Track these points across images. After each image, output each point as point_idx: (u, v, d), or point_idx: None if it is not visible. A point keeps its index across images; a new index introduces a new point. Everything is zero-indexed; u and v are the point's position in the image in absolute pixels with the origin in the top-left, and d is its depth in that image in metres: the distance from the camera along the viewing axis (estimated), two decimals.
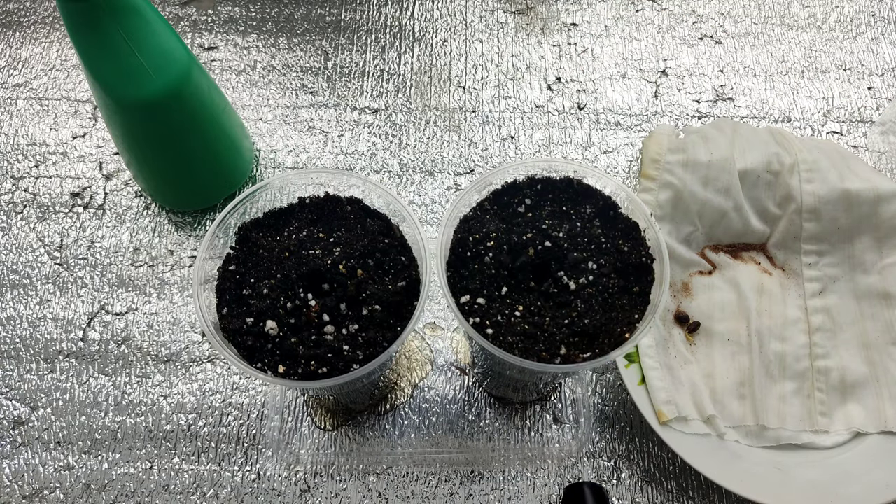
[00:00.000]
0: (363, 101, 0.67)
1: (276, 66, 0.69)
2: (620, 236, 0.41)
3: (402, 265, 0.41)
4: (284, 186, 0.42)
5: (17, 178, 0.63)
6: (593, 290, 0.38)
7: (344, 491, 0.51)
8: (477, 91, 0.68)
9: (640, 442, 0.53)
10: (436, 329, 0.57)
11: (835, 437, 0.51)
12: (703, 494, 0.51)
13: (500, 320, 0.38)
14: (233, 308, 0.38)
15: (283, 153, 0.65)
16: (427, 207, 0.62)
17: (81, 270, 0.59)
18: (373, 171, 0.64)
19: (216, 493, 0.51)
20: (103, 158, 0.64)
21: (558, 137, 0.66)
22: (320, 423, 0.53)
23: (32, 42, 0.70)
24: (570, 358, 0.37)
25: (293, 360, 0.37)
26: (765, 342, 0.53)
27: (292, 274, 0.38)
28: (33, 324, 0.56)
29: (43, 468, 0.51)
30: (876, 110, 0.68)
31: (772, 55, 0.71)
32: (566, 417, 0.53)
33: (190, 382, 0.54)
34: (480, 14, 0.73)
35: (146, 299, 0.57)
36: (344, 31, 0.71)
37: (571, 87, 0.69)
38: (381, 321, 0.38)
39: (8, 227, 0.60)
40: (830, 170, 0.58)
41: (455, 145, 0.65)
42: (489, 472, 0.51)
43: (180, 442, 0.52)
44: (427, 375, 0.55)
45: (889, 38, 0.72)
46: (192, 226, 0.61)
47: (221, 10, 0.72)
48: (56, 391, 0.54)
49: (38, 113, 0.66)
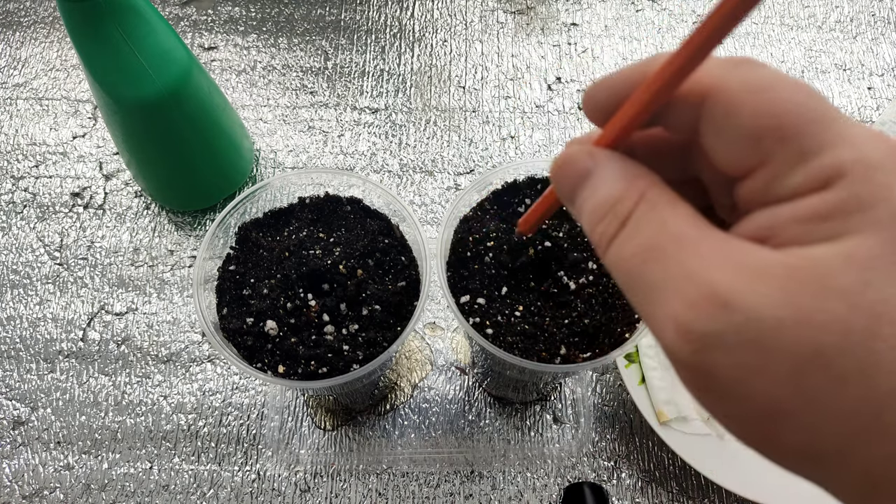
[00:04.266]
0: (363, 101, 0.67)
1: (276, 66, 0.69)
2: None
3: (402, 265, 0.41)
4: (284, 186, 0.42)
5: (17, 178, 0.63)
6: (593, 290, 0.38)
7: (344, 491, 0.51)
8: (477, 91, 0.68)
9: (640, 442, 0.53)
10: (436, 329, 0.57)
11: None
12: (703, 494, 0.51)
13: (500, 320, 0.38)
14: (233, 308, 0.38)
15: (283, 153, 0.65)
16: (427, 207, 0.62)
17: (81, 270, 0.59)
18: (373, 171, 0.64)
19: (216, 493, 0.51)
20: (103, 158, 0.64)
21: (558, 137, 0.66)
22: (320, 423, 0.53)
23: (32, 42, 0.70)
24: (570, 358, 0.37)
25: (293, 360, 0.37)
26: None
27: (292, 274, 0.38)
28: (33, 324, 0.56)
29: (43, 468, 0.51)
30: (876, 110, 0.68)
31: (772, 55, 0.71)
32: (566, 417, 0.53)
33: (190, 382, 0.54)
34: (480, 14, 0.73)
35: (146, 299, 0.57)
36: (344, 31, 0.71)
37: (571, 87, 0.69)
38: (381, 321, 0.38)
39: (8, 227, 0.60)
40: None
41: (455, 145, 0.65)
42: (489, 472, 0.51)
43: (180, 442, 0.52)
44: (427, 375, 0.55)
45: (889, 38, 0.72)
46: (192, 226, 0.61)
47: (221, 10, 0.72)
48: (56, 391, 0.54)
49: (38, 113, 0.66)
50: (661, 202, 0.18)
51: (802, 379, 0.15)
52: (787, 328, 0.15)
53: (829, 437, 0.16)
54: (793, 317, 0.15)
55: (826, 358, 0.15)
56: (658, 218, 0.17)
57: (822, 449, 0.16)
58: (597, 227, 0.19)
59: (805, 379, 0.15)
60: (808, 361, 0.15)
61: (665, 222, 0.17)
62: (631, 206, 0.18)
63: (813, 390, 0.15)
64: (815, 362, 0.15)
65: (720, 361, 0.16)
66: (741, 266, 0.16)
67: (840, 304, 0.15)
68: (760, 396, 0.16)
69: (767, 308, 0.15)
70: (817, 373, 0.15)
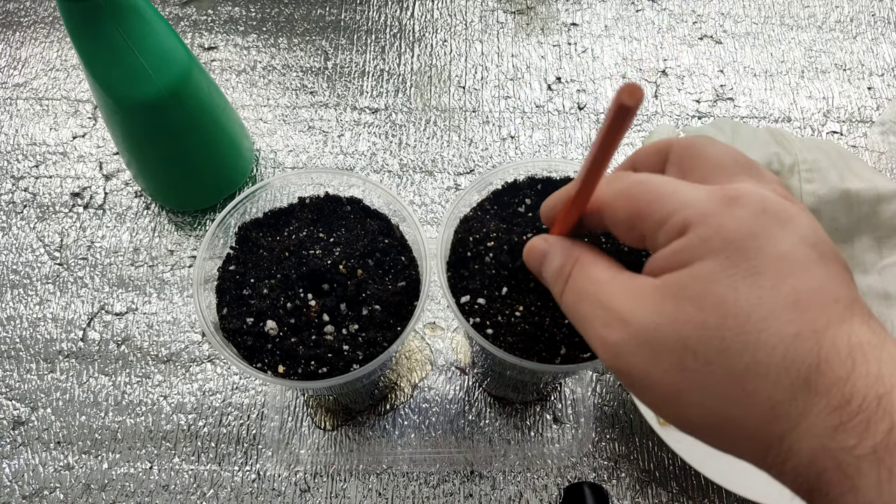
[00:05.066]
0: (363, 101, 0.67)
1: (276, 66, 0.69)
2: None
3: (402, 265, 0.41)
4: (284, 186, 0.42)
5: (17, 178, 0.63)
6: None
7: (344, 491, 0.51)
8: (477, 91, 0.68)
9: (640, 442, 0.53)
10: (436, 329, 0.57)
11: None
12: (703, 494, 0.51)
13: (500, 320, 0.38)
14: (233, 308, 0.38)
15: (283, 153, 0.65)
16: (427, 207, 0.62)
17: (81, 270, 0.59)
18: (373, 171, 0.64)
19: (216, 493, 0.51)
20: (103, 158, 0.64)
21: (558, 137, 0.66)
22: (320, 423, 0.53)
23: (32, 42, 0.70)
24: (570, 358, 0.37)
25: (293, 360, 0.37)
26: None
27: (292, 274, 0.38)
28: (33, 324, 0.56)
29: (43, 468, 0.51)
30: (876, 110, 0.68)
31: (772, 55, 0.71)
32: (566, 417, 0.53)
33: (190, 382, 0.54)
34: (480, 14, 0.73)
35: (146, 299, 0.57)
36: (344, 31, 0.71)
37: (571, 87, 0.69)
38: (381, 321, 0.38)
39: (8, 227, 0.60)
40: (830, 170, 0.58)
41: (455, 145, 0.65)
42: (489, 472, 0.51)
43: (180, 442, 0.52)
44: (427, 375, 0.55)
45: (889, 38, 0.72)
46: (192, 226, 0.61)
47: (221, 10, 0.72)
48: (56, 391, 0.54)
49: (38, 113, 0.66)
50: (587, 262, 0.26)
51: (682, 366, 0.21)
52: (662, 329, 0.22)
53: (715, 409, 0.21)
54: (663, 321, 0.22)
55: (692, 348, 0.21)
56: (585, 272, 0.26)
57: (716, 421, 0.21)
58: (554, 286, 0.27)
59: (684, 366, 0.21)
60: (681, 352, 0.21)
61: (589, 274, 0.25)
62: (570, 268, 0.26)
63: (692, 373, 0.21)
64: (685, 352, 0.21)
65: (630, 362, 0.22)
66: (633, 293, 0.23)
67: (692, 307, 0.21)
68: (660, 384, 0.22)
69: (648, 317, 0.22)
70: (689, 360, 0.21)
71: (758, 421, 0.20)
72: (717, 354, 0.21)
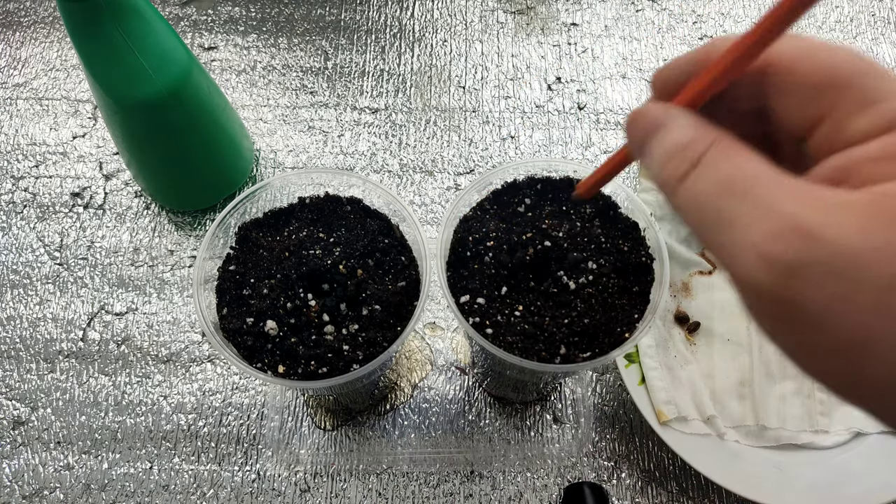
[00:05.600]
0: (363, 101, 0.67)
1: (276, 66, 0.69)
2: (620, 236, 0.41)
3: (402, 265, 0.41)
4: (284, 186, 0.42)
5: (17, 178, 0.63)
6: (593, 290, 0.38)
7: (344, 491, 0.51)
8: (477, 91, 0.68)
9: (640, 442, 0.53)
10: (436, 329, 0.57)
11: (835, 437, 0.51)
12: (703, 494, 0.51)
13: (500, 320, 0.38)
14: (233, 308, 0.38)
15: (283, 153, 0.65)
16: (427, 207, 0.62)
17: (81, 270, 0.59)
18: (373, 171, 0.64)
19: (216, 493, 0.51)
20: (103, 158, 0.64)
21: (558, 137, 0.66)
22: (320, 423, 0.53)
23: (32, 42, 0.70)
24: (570, 358, 0.37)
25: (293, 360, 0.37)
26: (765, 342, 0.53)
27: (292, 274, 0.38)
28: (33, 324, 0.56)
29: (43, 468, 0.51)
30: None
31: None
32: (566, 417, 0.53)
33: (190, 382, 0.54)
34: (480, 14, 0.73)
35: (146, 299, 0.57)
36: (344, 31, 0.71)
37: (571, 87, 0.69)
38: (381, 321, 0.38)
39: (8, 227, 0.60)
40: None
41: (455, 145, 0.65)
42: (489, 472, 0.51)
43: (180, 442, 0.52)
44: (427, 375, 0.55)
45: (889, 38, 0.72)
46: (192, 226, 0.61)
47: (221, 10, 0.72)
48: (56, 391, 0.54)
49: (38, 113, 0.66)
50: (733, 147, 0.19)
51: (886, 307, 0.16)
52: (871, 257, 0.16)
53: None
54: (874, 247, 0.16)
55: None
56: (732, 158, 0.19)
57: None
58: (667, 166, 0.20)
59: (886, 307, 0.16)
60: (888, 290, 0.16)
61: (740, 163, 0.18)
62: (702, 149, 0.19)
63: (894, 318, 0.16)
64: (894, 290, 0.16)
65: (807, 291, 0.16)
66: (822, 202, 0.17)
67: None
68: (848, 325, 0.16)
69: (852, 238, 0.16)
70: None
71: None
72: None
